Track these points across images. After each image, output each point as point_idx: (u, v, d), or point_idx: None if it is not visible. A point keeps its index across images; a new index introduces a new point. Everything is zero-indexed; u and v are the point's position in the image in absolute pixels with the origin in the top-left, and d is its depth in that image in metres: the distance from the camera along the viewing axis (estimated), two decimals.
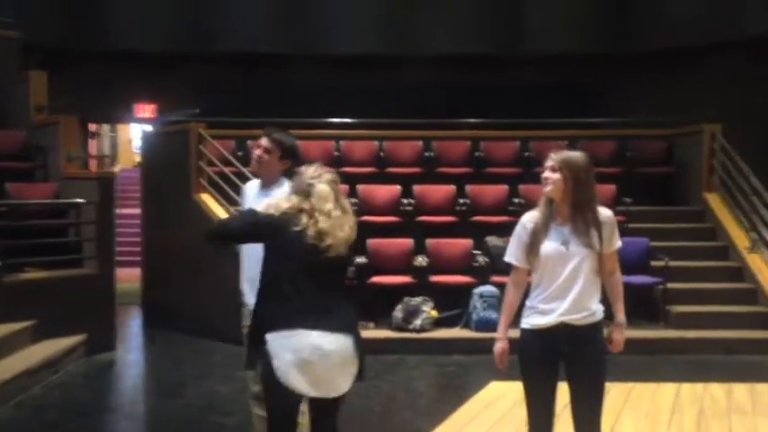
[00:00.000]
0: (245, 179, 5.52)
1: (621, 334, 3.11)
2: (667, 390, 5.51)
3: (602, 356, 3.04)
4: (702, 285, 7.48)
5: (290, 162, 3.65)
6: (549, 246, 2.97)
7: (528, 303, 3.08)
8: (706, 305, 7.27)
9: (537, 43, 10.00)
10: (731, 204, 8.22)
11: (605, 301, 3.09)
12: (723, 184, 8.39)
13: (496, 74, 10.14)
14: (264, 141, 3.60)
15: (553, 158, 3.02)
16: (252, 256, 3.59)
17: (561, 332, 2.97)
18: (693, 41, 9.34)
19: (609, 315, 3.12)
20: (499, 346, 3.12)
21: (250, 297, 3.61)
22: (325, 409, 3.04)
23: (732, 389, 5.54)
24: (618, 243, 3.07)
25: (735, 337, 6.93)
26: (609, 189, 8.21)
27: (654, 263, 7.29)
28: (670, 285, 7.22)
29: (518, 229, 3.10)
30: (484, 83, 10.01)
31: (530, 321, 3.03)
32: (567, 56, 9.95)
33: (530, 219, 3.08)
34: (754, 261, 7.55)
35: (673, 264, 7.25)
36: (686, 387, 5.60)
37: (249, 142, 8.19)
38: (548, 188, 3.00)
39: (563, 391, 3.06)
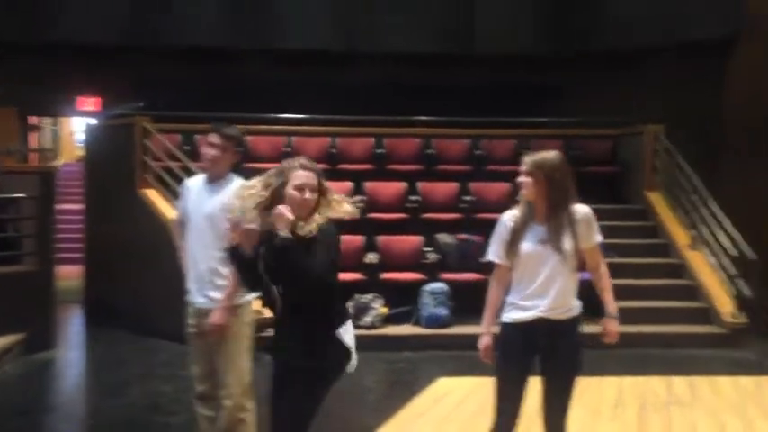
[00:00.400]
0: (192, 174, 5.42)
1: (614, 326, 3.18)
2: (610, 383, 5.64)
3: (578, 351, 3.12)
4: (644, 281, 7.69)
5: (238, 157, 3.61)
6: (528, 245, 3.05)
7: (509, 300, 3.15)
8: (648, 301, 7.48)
9: (488, 43, 10.10)
10: (672, 203, 8.47)
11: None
12: (665, 184, 8.64)
13: (448, 73, 10.20)
14: (215, 138, 3.53)
15: (526, 162, 3.09)
16: (197, 253, 3.53)
17: (540, 326, 3.05)
18: (638, 44, 9.57)
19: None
20: (484, 341, 3.17)
21: (196, 296, 3.55)
22: None
23: (672, 382, 5.71)
24: (597, 238, 3.16)
25: (674, 331, 7.14)
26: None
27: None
28: (613, 281, 7.38)
29: (499, 227, 3.17)
30: (436, 81, 10.07)
31: (510, 315, 3.11)
32: (516, 56, 10.07)
33: (510, 217, 3.15)
34: (694, 258, 7.79)
35: (616, 260, 7.43)
36: (628, 381, 5.75)
37: (196, 137, 8.06)
38: (523, 193, 3.08)
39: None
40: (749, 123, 8.93)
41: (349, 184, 8.40)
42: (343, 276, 7.28)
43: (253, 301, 3.68)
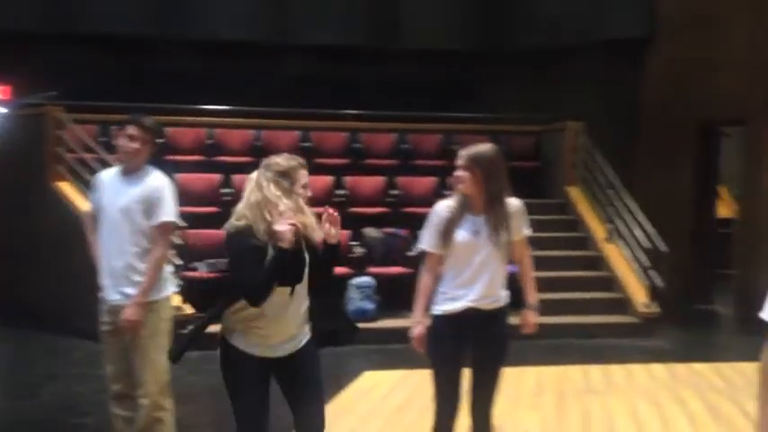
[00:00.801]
0: (109, 167, 5.22)
1: (534, 317, 3.28)
2: (530, 373, 5.78)
3: (506, 340, 3.20)
4: (563, 274, 7.91)
5: (156, 149, 3.50)
6: (461, 234, 3.09)
7: (440, 291, 3.18)
8: (566, 292, 7.70)
9: (414, 38, 10.14)
10: (591, 197, 8.74)
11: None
12: (583, 179, 8.91)
13: (375, 67, 10.19)
14: (134, 130, 3.41)
15: (463, 156, 3.12)
16: (111, 248, 3.41)
17: (470, 317, 3.09)
18: (561, 42, 9.82)
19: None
20: (418, 330, 3.18)
21: (111, 292, 3.43)
22: None
23: (589, 371, 5.90)
24: (526, 231, 3.24)
25: (592, 322, 7.39)
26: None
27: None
28: (534, 274, 7.56)
29: (431, 216, 3.19)
30: (363, 75, 10.04)
31: (441, 307, 3.14)
32: (442, 51, 10.16)
33: (444, 207, 3.18)
34: (610, 251, 8.08)
35: (537, 253, 7.59)
36: (547, 370, 5.91)
37: (113, 128, 7.77)
38: (459, 186, 3.12)
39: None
40: (664, 120, 9.30)
41: None
42: None
43: (172, 296, 3.58)
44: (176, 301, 6.51)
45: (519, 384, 5.47)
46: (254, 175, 2.82)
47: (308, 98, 9.12)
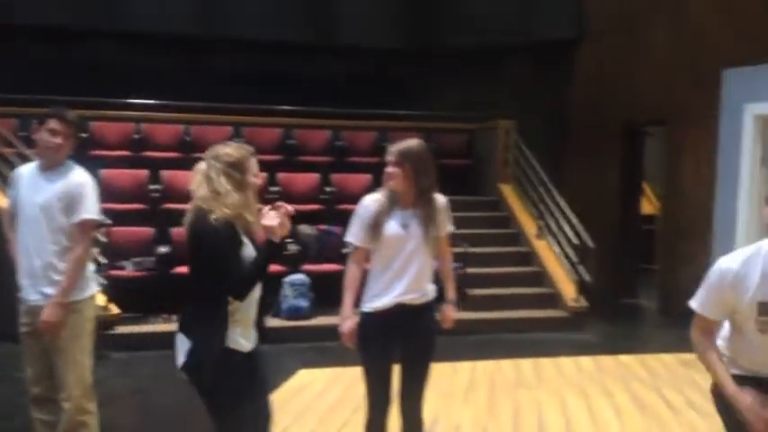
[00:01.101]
0: (26, 161, 4.99)
1: (453, 311, 3.33)
2: (464, 368, 5.85)
3: (434, 335, 3.22)
4: (496, 270, 8.04)
5: (77, 143, 3.37)
6: (390, 228, 3.10)
7: (368, 286, 3.18)
8: (499, 288, 7.82)
9: (349, 35, 10.10)
10: (522, 195, 8.92)
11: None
12: (515, 177, 9.08)
13: (309, 63, 10.11)
14: (56, 124, 3.27)
15: (393, 152, 3.14)
16: (29, 246, 3.26)
17: (398, 312, 3.11)
18: (492, 42, 9.97)
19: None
20: (348, 325, 3.17)
21: (30, 292, 3.28)
22: None
23: (520, 364, 6.01)
24: (450, 227, 3.28)
25: (523, 316, 7.52)
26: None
27: (455, 249, 7.69)
28: (469, 270, 7.67)
29: (359, 210, 3.19)
30: (297, 71, 9.94)
31: (370, 304, 3.15)
32: (376, 49, 10.16)
33: (372, 201, 3.18)
34: (541, 247, 8.25)
35: (471, 250, 7.71)
36: (480, 365, 5.99)
37: (34, 122, 7.44)
38: (391, 183, 3.13)
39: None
40: (592, 120, 9.57)
41: None
42: None
43: (95, 296, 3.45)
44: (102, 300, 6.31)
45: (452, 379, 5.53)
46: (202, 166, 2.71)
47: (240, 93, 8.96)
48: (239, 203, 2.63)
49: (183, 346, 2.66)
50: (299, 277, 7.15)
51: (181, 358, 2.67)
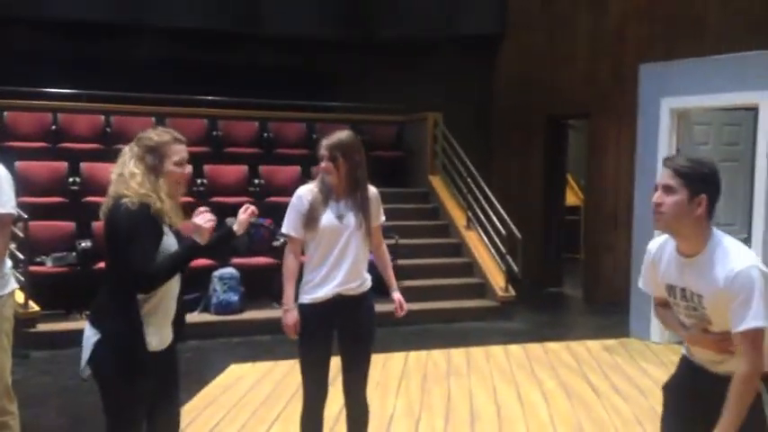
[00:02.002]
0: None
1: (402, 298, 3.38)
2: (396, 359, 5.89)
3: (373, 323, 3.26)
4: (426, 261, 8.12)
5: None
6: (326, 219, 3.13)
7: (305, 277, 3.20)
8: (429, 279, 7.91)
9: (276, 25, 9.95)
10: (451, 186, 9.03)
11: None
12: (444, 168, 9.19)
13: (236, 52, 9.90)
14: None
15: (325, 146, 3.16)
16: None
17: (336, 303, 3.14)
18: (419, 35, 10.03)
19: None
20: (291, 316, 3.18)
21: None
22: None
23: (451, 354, 6.10)
24: (382, 218, 3.34)
25: (454, 306, 7.63)
26: None
27: (386, 241, 7.72)
28: (399, 262, 7.71)
29: (295, 201, 3.20)
30: (223, 61, 9.73)
31: (308, 296, 3.16)
32: (304, 40, 10.05)
33: (307, 192, 3.19)
34: (471, 237, 8.38)
35: (401, 241, 7.76)
36: (412, 355, 6.04)
37: None
38: (329, 178, 3.15)
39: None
40: (517, 112, 9.78)
41: None
42: None
43: (13, 293, 3.29)
44: (20, 298, 6.03)
45: (385, 370, 5.56)
46: (125, 149, 2.64)
47: (164, 83, 8.70)
48: (144, 187, 2.50)
49: (90, 339, 2.54)
50: (228, 271, 7.03)
51: (86, 353, 2.54)
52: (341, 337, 3.22)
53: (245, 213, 2.80)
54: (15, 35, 8.95)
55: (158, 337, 2.60)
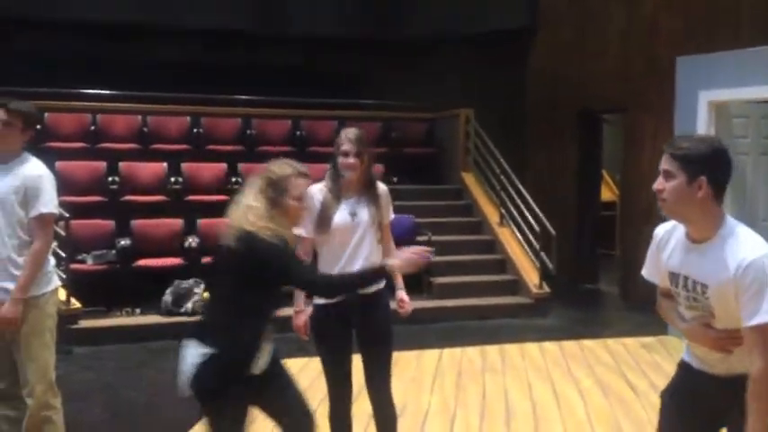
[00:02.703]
0: None
1: (407, 297, 3.34)
2: (430, 355, 5.89)
3: (389, 321, 3.21)
4: (460, 258, 8.10)
5: (32, 133, 3.28)
6: (339, 217, 3.10)
7: None
8: (463, 276, 7.89)
9: (305, 24, 10.00)
10: (484, 183, 8.99)
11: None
12: (477, 164, 9.14)
13: (266, 52, 9.99)
14: (1, 113, 3.17)
15: (353, 140, 3.11)
16: None
17: (351, 302, 3.07)
18: (450, 32, 9.99)
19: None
20: (300, 318, 3.18)
21: None
22: None
23: (486, 351, 6.08)
24: (392, 215, 3.29)
25: (487, 303, 7.60)
26: (376, 169, 8.55)
27: (419, 238, 7.73)
28: (433, 259, 7.70)
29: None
30: (253, 60, 9.82)
31: None
32: (336, 38, 10.08)
33: (317, 191, 3.14)
34: (504, 234, 8.34)
35: (435, 238, 7.75)
36: (447, 352, 6.03)
37: None
38: (352, 173, 3.11)
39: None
40: (549, 107, 9.69)
41: (164, 165, 8.00)
42: (161, 262, 6.93)
43: (56, 290, 3.37)
44: (62, 295, 6.17)
45: (420, 367, 5.56)
46: (252, 179, 2.69)
47: (198, 83, 8.83)
48: (262, 220, 2.54)
49: (195, 357, 2.53)
50: None
51: (189, 370, 2.54)
52: (359, 338, 3.19)
53: (417, 255, 2.68)
54: (57, 39, 9.15)
55: (263, 360, 2.62)
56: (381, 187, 3.24)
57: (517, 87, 10.11)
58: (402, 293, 3.33)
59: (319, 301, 3.14)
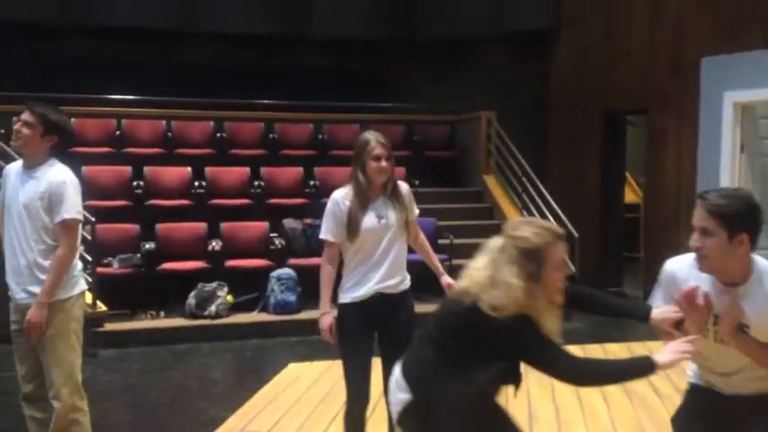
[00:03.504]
0: (9, 159, 4.93)
1: (451, 279, 3.32)
2: None
3: (413, 325, 3.22)
4: None
5: (56, 139, 3.33)
6: (367, 221, 3.12)
7: (345, 278, 3.20)
8: None
9: (326, 27, 10.04)
10: (505, 185, 8.95)
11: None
12: (498, 167, 9.11)
13: (288, 55, 10.05)
14: (26, 115, 3.26)
15: (386, 145, 3.16)
16: (15, 244, 3.24)
17: (376, 302, 3.12)
18: (470, 33, 9.97)
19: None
20: (326, 320, 3.19)
21: (17, 291, 3.26)
22: None
23: None
24: (416, 211, 3.35)
25: None
26: (398, 172, 8.54)
27: (441, 241, 7.72)
28: (454, 261, 7.69)
29: (331, 206, 3.19)
30: (276, 64, 9.88)
31: (348, 295, 3.16)
32: (356, 41, 10.12)
33: (344, 196, 3.18)
34: None
35: (457, 241, 7.73)
36: None
37: (15, 119, 7.34)
38: (384, 177, 3.15)
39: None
40: (572, 109, 9.62)
41: (188, 170, 8.08)
42: (185, 265, 7.00)
43: (82, 294, 3.43)
44: (89, 298, 6.26)
45: None
46: (495, 243, 2.33)
47: (220, 87, 8.91)
48: (520, 304, 2.21)
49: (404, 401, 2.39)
50: (285, 271, 7.14)
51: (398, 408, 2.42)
52: (381, 338, 3.20)
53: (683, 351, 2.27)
54: (82, 44, 9.30)
55: None
56: (404, 186, 3.28)
57: (540, 89, 10.05)
58: (447, 279, 3.37)
59: (344, 299, 3.16)
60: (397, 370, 2.47)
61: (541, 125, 10.02)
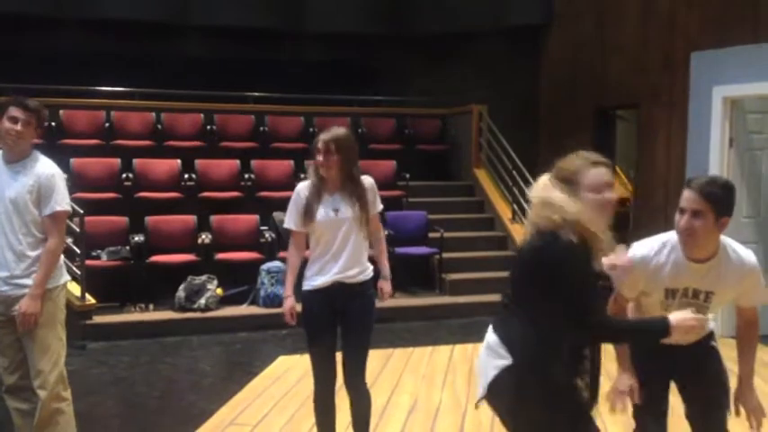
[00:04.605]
0: None
1: (389, 286, 3.52)
2: (442, 352, 5.89)
3: (371, 313, 3.37)
4: (472, 254, 8.09)
5: (41, 133, 3.32)
6: (321, 212, 3.27)
7: (307, 267, 3.36)
8: (476, 272, 7.87)
9: (319, 20, 10.01)
10: (496, 179, 8.97)
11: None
12: (489, 161, 9.12)
13: (280, 49, 10.01)
14: (18, 112, 3.21)
15: (322, 140, 3.29)
16: (2, 238, 3.22)
17: (336, 290, 3.27)
18: (463, 27, 9.97)
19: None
20: (288, 303, 3.35)
21: (2, 283, 3.24)
22: None
23: None
24: (380, 206, 3.46)
25: (499, 299, 7.58)
26: (389, 165, 8.57)
27: (431, 234, 7.74)
28: (445, 255, 7.71)
29: (294, 197, 3.37)
30: (267, 57, 9.84)
31: (310, 282, 3.32)
32: (349, 34, 10.09)
33: (304, 188, 3.35)
34: (516, 230, 8.32)
35: (447, 235, 7.75)
36: (459, 348, 6.04)
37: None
38: (328, 171, 3.27)
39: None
40: (563, 103, 9.63)
41: (177, 162, 8.05)
42: (174, 258, 6.98)
43: (66, 284, 3.42)
44: (77, 290, 6.24)
45: (433, 363, 5.57)
46: (543, 177, 2.35)
47: (211, 80, 8.86)
48: (570, 214, 2.19)
49: (491, 368, 2.34)
50: (275, 264, 7.13)
51: (485, 380, 2.35)
52: (341, 324, 3.33)
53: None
54: (70, 36, 9.23)
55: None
56: (368, 181, 3.38)
57: (531, 83, 10.06)
58: (382, 283, 3.49)
59: (306, 287, 3.31)
60: (490, 335, 2.40)
61: (532, 119, 10.03)
